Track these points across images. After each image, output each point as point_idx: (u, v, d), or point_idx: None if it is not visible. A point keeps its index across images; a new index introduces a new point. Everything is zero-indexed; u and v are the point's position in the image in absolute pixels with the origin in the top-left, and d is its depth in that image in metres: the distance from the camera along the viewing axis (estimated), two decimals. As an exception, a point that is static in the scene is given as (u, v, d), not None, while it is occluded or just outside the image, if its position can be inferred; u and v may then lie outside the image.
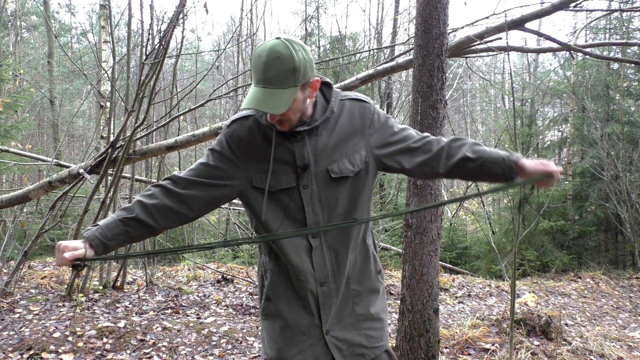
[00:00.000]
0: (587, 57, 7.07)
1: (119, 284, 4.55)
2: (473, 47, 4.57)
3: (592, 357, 3.46)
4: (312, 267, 1.40)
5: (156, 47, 3.70)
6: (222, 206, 7.02)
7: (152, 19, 3.91)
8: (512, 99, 4.33)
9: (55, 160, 4.99)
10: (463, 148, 1.39)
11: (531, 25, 4.30)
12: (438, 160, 1.40)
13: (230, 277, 5.31)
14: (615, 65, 9.24)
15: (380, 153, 1.41)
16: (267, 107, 1.23)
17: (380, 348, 1.49)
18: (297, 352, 1.43)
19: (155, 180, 5.11)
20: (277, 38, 1.25)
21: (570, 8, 4.14)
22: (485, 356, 3.31)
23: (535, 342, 3.51)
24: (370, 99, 1.48)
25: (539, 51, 7.02)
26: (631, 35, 9.43)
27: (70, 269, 1.32)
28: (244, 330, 3.83)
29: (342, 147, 1.37)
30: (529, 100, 10.11)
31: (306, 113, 1.35)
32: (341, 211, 1.39)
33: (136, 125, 3.82)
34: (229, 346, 3.53)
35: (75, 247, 1.25)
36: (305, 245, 1.40)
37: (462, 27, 4.85)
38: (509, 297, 4.62)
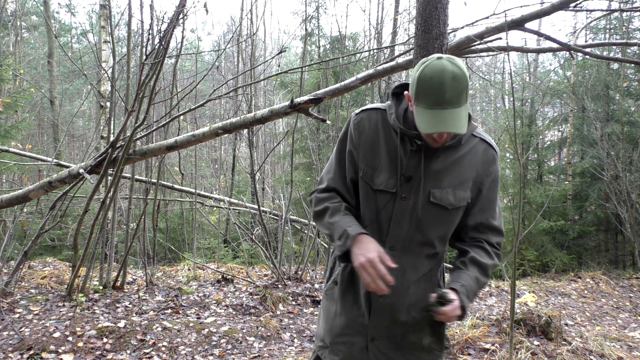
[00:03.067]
0: (587, 57, 7.07)
1: (119, 284, 4.55)
2: (473, 47, 4.57)
3: (592, 357, 3.46)
4: None
5: (156, 47, 3.70)
6: (222, 206, 7.04)
7: (152, 19, 3.91)
8: (512, 99, 4.34)
9: (55, 160, 5.00)
10: (472, 263, 1.42)
11: (531, 25, 4.30)
12: (462, 250, 1.46)
13: (230, 277, 5.31)
14: (615, 65, 9.24)
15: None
16: (454, 128, 1.23)
17: None
18: (341, 342, 1.46)
19: (155, 180, 5.11)
20: (439, 58, 1.24)
21: (570, 8, 4.14)
22: (485, 356, 3.31)
23: (535, 342, 3.51)
24: (498, 150, 1.46)
25: (539, 51, 7.02)
26: (631, 35, 9.44)
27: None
28: (244, 330, 3.83)
29: (453, 179, 1.36)
30: (529, 100, 10.11)
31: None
32: (424, 238, 1.39)
33: (136, 125, 3.82)
34: (229, 346, 3.53)
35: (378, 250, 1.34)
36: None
37: (462, 27, 4.85)
38: (509, 297, 4.62)
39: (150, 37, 3.99)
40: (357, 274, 1.40)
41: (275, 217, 7.13)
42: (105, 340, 3.37)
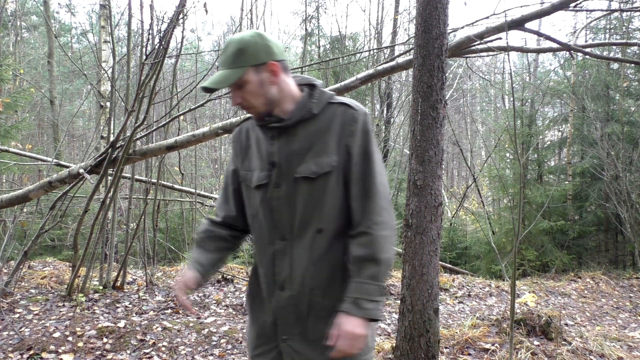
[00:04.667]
0: (587, 57, 7.07)
1: (119, 284, 4.55)
2: (473, 47, 4.57)
3: (592, 357, 3.46)
4: (273, 270, 1.36)
5: (156, 47, 3.70)
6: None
7: (152, 19, 3.91)
8: (512, 99, 4.33)
9: (55, 160, 4.99)
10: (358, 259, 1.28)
11: (531, 25, 4.30)
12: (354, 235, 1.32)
13: (230, 277, 5.31)
14: (615, 65, 9.24)
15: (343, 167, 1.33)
16: (210, 83, 1.28)
17: None
18: (258, 353, 1.42)
19: (155, 180, 5.11)
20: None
21: (570, 8, 4.14)
22: (485, 356, 3.31)
23: (535, 342, 3.51)
24: (365, 109, 1.36)
25: (539, 51, 7.01)
26: (631, 35, 9.44)
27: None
28: (244, 330, 3.83)
29: (315, 149, 1.31)
30: (529, 100, 10.11)
31: (283, 108, 1.34)
32: (307, 218, 1.32)
33: (136, 125, 3.82)
34: (229, 346, 3.53)
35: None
36: (271, 246, 1.37)
37: (462, 27, 4.85)
38: (509, 297, 4.62)
39: (150, 37, 3.99)
40: (259, 281, 1.42)
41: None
42: (105, 340, 3.36)
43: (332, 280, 1.33)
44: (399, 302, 2.98)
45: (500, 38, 4.36)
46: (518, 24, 4.18)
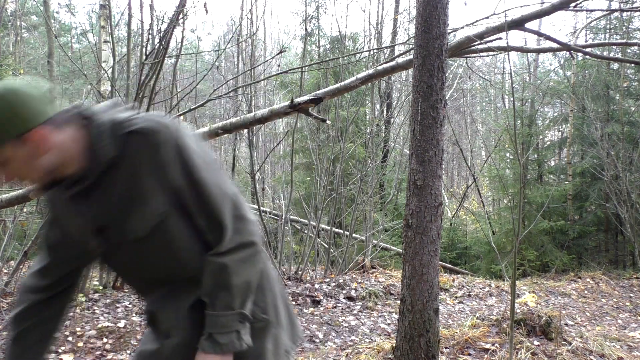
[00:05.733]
0: (587, 57, 7.07)
1: (118, 284, 4.55)
2: (473, 47, 4.57)
3: (592, 357, 3.46)
4: (156, 324, 1.26)
5: (156, 47, 3.70)
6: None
7: (152, 19, 3.91)
8: (512, 99, 4.33)
9: (55, 160, 4.98)
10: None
11: (531, 25, 4.30)
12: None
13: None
14: (615, 65, 9.24)
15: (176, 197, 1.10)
16: None
17: None
18: None
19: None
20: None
21: (570, 8, 4.14)
22: (485, 356, 3.31)
23: (535, 342, 3.51)
24: (166, 121, 1.06)
25: (539, 51, 7.01)
26: (631, 35, 9.44)
27: None
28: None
29: (133, 200, 1.07)
30: (529, 100, 10.11)
31: (73, 167, 1.06)
32: (160, 272, 1.17)
33: (136, 125, 3.82)
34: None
35: None
36: (145, 301, 1.27)
37: (462, 27, 4.85)
38: (509, 297, 4.62)
39: (150, 37, 3.99)
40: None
41: (275, 217, 7.13)
42: (105, 340, 3.36)
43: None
44: (399, 302, 2.98)
45: (500, 38, 4.36)
46: (518, 24, 4.18)
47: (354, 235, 6.49)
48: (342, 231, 7.55)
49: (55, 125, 1.02)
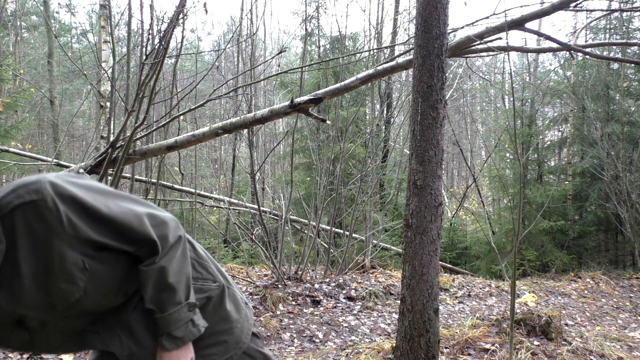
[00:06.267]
0: (587, 57, 7.07)
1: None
2: (473, 47, 4.57)
3: (592, 357, 3.46)
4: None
5: (156, 47, 3.70)
6: (222, 206, 7.03)
7: (152, 19, 3.91)
8: (512, 99, 4.34)
9: (55, 160, 4.99)
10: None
11: (531, 25, 4.31)
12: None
13: (230, 277, 5.31)
14: (615, 65, 9.24)
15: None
16: None
17: None
18: None
19: (155, 180, 5.11)
20: None
21: (570, 8, 4.14)
22: (485, 356, 3.31)
23: (535, 342, 3.51)
24: (35, 191, 0.96)
25: (539, 51, 7.01)
26: (631, 35, 9.44)
27: None
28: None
29: (47, 273, 1.00)
30: (529, 100, 10.11)
31: None
32: (97, 315, 1.16)
33: (136, 125, 3.82)
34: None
35: None
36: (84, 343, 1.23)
37: (462, 27, 4.85)
38: (509, 297, 4.62)
39: (150, 37, 3.99)
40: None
41: (275, 217, 7.13)
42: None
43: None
44: (399, 302, 2.98)
45: (500, 38, 4.36)
46: (518, 24, 4.18)
47: (354, 235, 6.49)
48: (342, 231, 7.55)
49: None
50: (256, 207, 5.80)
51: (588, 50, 4.96)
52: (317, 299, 4.83)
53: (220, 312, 1.28)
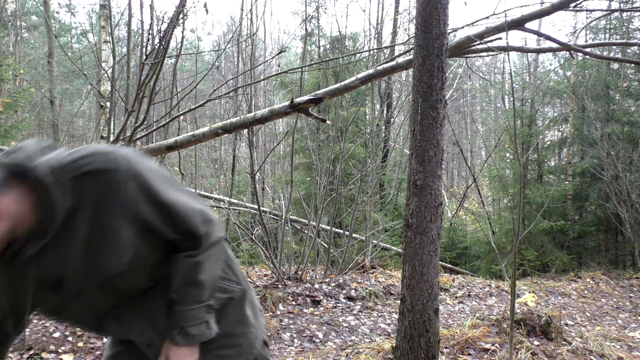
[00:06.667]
0: (587, 57, 7.07)
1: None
2: (473, 47, 4.57)
3: (592, 357, 3.46)
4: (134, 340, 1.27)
5: (156, 47, 3.70)
6: (222, 206, 7.02)
7: (152, 19, 3.91)
8: (512, 99, 4.34)
9: (55, 160, 4.98)
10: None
11: (531, 25, 4.31)
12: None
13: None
14: (615, 65, 9.24)
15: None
16: None
17: None
18: None
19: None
20: None
21: (570, 8, 4.14)
22: (485, 356, 3.31)
23: (535, 342, 3.51)
24: (118, 153, 1.03)
25: (539, 51, 7.01)
26: (631, 35, 9.44)
27: None
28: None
29: (100, 242, 1.03)
30: (529, 100, 10.11)
31: (24, 227, 0.98)
32: (127, 294, 1.17)
33: (136, 125, 3.82)
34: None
35: None
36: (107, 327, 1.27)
37: (462, 27, 4.85)
38: (509, 297, 4.62)
39: (150, 37, 3.99)
40: None
41: (275, 217, 7.13)
42: (105, 340, 3.36)
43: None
44: (399, 302, 2.98)
45: (500, 38, 4.36)
46: (518, 24, 4.18)
47: (354, 235, 6.49)
48: (342, 231, 7.55)
49: None
50: (256, 207, 5.80)
51: (588, 50, 4.96)
52: (317, 299, 4.83)
53: (239, 314, 1.29)
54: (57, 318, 1.22)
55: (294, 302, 4.69)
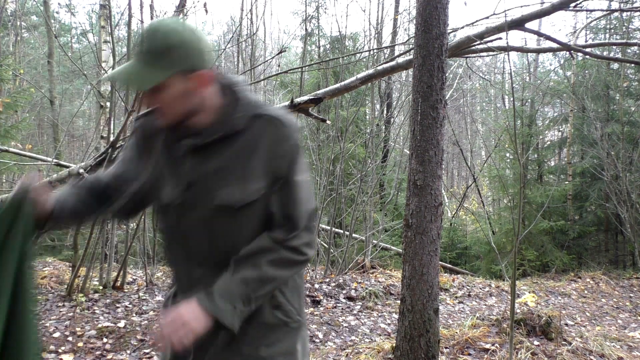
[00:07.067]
0: (587, 57, 7.07)
1: (119, 284, 4.55)
2: (473, 47, 4.57)
3: (592, 357, 3.46)
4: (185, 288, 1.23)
5: (156, 47, 3.69)
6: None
7: (152, 19, 3.91)
8: (512, 99, 4.34)
9: (55, 160, 4.99)
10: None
11: (531, 25, 4.30)
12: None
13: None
14: (615, 65, 9.24)
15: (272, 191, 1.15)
16: (123, 79, 1.12)
17: None
18: None
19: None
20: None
21: (570, 8, 4.14)
22: (485, 356, 3.31)
23: (535, 342, 3.51)
24: (295, 123, 1.18)
25: (539, 51, 7.01)
26: (631, 35, 9.44)
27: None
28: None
29: (239, 171, 1.12)
30: (529, 100, 10.12)
31: (201, 120, 1.14)
32: (223, 245, 1.16)
33: (136, 125, 3.82)
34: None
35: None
36: (188, 274, 1.22)
37: (462, 27, 4.85)
38: (509, 297, 4.62)
39: (150, 37, 3.98)
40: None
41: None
42: (105, 340, 3.36)
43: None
44: (399, 302, 2.98)
45: (500, 38, 4.36)
46: (518, 24, 4.18)
47: (354, 235, 6.49)
48: (342, 231, 7.55)
49: (212, 77, 1.12)
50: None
51: (588, 50, 4.96)
52: (317, 299, 4.83)
53: (290, 345, 1.21)
54: (164, 233, 1.25)
55: (294, 302, 4.69)
